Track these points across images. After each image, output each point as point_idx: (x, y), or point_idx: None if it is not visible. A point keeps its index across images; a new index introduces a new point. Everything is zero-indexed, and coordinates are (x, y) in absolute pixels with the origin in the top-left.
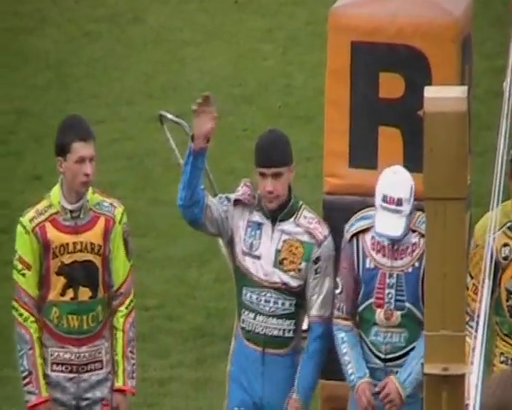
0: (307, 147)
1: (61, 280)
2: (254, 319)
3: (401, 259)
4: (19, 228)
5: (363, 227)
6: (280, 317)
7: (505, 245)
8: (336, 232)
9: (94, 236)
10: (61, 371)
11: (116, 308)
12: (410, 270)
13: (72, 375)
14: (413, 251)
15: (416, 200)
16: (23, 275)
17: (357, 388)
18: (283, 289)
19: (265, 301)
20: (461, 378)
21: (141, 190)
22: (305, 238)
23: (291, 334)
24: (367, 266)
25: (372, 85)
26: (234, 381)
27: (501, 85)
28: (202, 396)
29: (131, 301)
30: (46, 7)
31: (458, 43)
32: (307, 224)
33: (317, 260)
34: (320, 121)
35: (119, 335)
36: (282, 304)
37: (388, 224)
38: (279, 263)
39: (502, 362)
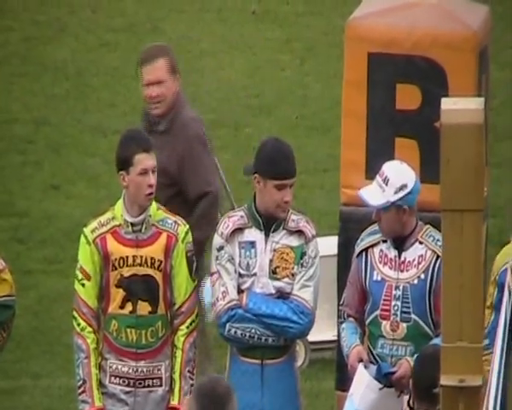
0: (324, 158)
1: (120, 293)
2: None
3: (407, 271)
4: (81, 238)
5: (373, 242)
6: None
7: None
8: (353, 243)
9: (154, 251)
10: (119, 384)
11: (177, 327)
12: (415, 282)
13: (128, 388)
14: (419, 263)
15: (432, 211)
16: (83, 285)
17: (349, 354)
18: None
19: None
20: (477, 390)
21: None
22: (295, 243)
23: (288, 341)
24: (374, 278)
25: (389, 97)
26: None
27: None
28: None
29: (193, 321)
30: (64, 17)
31: (475, 54)
32: (296, 224)
33: (302, 256)
34: (337, 132)
35: (178, 354)
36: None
37: (370, 192)
38: (272, 273)
39: None
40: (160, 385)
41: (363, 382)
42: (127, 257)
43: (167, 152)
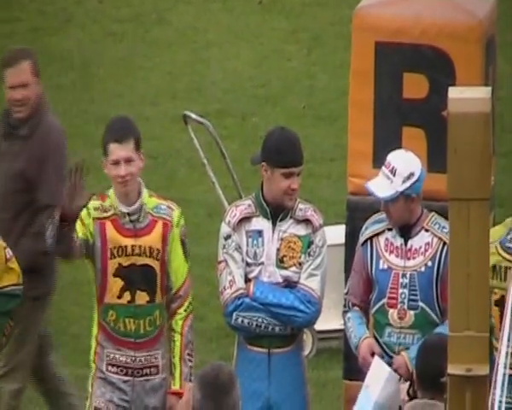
0: (331, 148)
1: (119, 282)
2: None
3: (414, 258)
4: (83, 211)
5: (378, 231)
6: None
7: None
8: (360, 233)
9: (152, 240)
10: (116, 373)
11: (175, 311)
12: (422, 269)
13: (126, 378)
14: (426, 251)
15: (439, 201)
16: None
17: (359, 346)
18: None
19: None
20: (484, 379)
21: (165, 189)
22: (303, 232)
23: (295, 330)
24: (380, 267)
25: (396, 86)
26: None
27: None
28: None
29: (190, 303)
30: (71, 7)
31: (482, 44)
32: (303, 213)
33: (310, 245)
34: (344, 122)
35: (177, 337)
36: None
37: (378, 184)
38: (280, 262)
39: None
40: (157, 373)
41: (383, 374)
42: (126, 247)
43: (26, 156)
